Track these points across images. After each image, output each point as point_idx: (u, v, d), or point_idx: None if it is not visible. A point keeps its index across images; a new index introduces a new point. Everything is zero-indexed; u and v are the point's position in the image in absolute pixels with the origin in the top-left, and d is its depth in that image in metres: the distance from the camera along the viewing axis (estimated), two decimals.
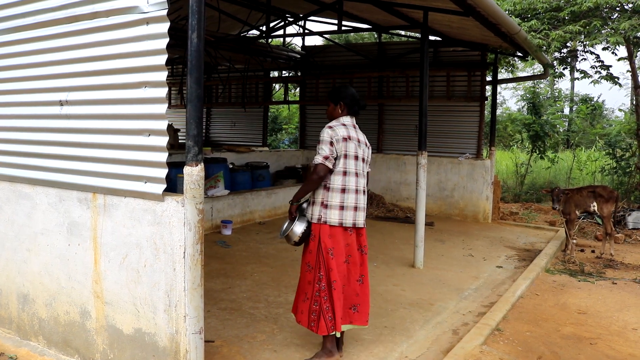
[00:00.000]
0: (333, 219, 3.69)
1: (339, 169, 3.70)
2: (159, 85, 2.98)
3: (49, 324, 3.76)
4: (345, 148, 3.68)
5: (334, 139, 3.66)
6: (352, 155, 3.72)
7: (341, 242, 3.74)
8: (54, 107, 3.55)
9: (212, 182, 8.15)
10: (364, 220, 3.86)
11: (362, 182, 3.81)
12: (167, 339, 3.12)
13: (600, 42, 9.05)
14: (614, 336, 4.57)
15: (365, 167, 3.87)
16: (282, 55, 10.95)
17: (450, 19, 6.84)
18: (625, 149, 11.74)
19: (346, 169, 3.71)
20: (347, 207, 3.72)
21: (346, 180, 3.71)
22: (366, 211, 3.90)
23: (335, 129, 3.69)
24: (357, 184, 3.76)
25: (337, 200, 3.70)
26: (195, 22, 2.84)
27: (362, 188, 3.82)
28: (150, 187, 3.08)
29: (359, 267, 3.83)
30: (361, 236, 3.84)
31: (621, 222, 9.44)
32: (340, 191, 3.70)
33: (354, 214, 3.75)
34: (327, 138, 3.66)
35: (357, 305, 3.82)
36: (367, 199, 3.92)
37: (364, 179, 3.86)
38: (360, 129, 3.91)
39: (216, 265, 6.07)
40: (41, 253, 3.75)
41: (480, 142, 10.05)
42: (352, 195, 3.74)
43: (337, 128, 3.71)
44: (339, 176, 3.70)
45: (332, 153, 3.66)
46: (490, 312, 4.81)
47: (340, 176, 3.70)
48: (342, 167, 3.70)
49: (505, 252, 7.43)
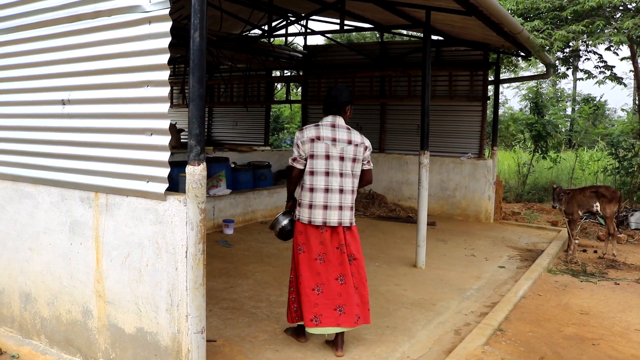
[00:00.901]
0: (303, 216, 3.86)
1: (307, 169, 3.85)
2: (161, 84, 2.98)
3: (51, 323, 3.77)
4: (312, 149, 3.81)
5: (299, 140, 3.85)
6: (322, 155, 3.81)
7: (313, 239, 3.85)
8: (56, 106, 3.55)
9: (214, 182, 8.14)
10: (347, 219, 3.88)
11: (336, 180, 3.83)
12: (169, 338, 3.12)
13: (603, 41, 9.03)
14: (617, 337, 4.56)
15: (349, 165, 3.87)
16: (284, 54, 10.94)
17: (452, 19, 6.82)
18: (627, 149, 11.71)
19: (313, 169, 3.83)
20: (315, 206, 3.82)
21: (314, 180, 3.83)
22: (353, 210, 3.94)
23: (303, 131, 3.86)
24: (328, 183, 3.82)
25: (306, 199, 3.85)
26: (197, 21, 2.84)
27: (338, 187, 3.84)
28: (152, 186, 3.08)
29: (339, 267, 3.86)
30: (339, 235, 3.87)
31: (624, 222, 9.42)
32: (308, 190, 3.84)
33: (323, 212, 3.82)
34: (295, 140, 3.89)
35: (343, 307, 3.84)
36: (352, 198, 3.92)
37: (347, 177, 3.87)
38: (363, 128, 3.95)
39: (218, 265, 6.07)
40: (43, 252, 3.75)
41: (483, 141, 10.03)
42: (321, 194, 3.82)
43: (307, 130, 3.86)
44: (307, 176, 3.85)
45: (300, 154, 3.85)
46: (493, 313, 4.80)
47: (308, 176, 3.84)
48: (309, 167, 3.84)
49: (508, 252, 7.41)
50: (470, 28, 7.58)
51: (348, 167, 3.87)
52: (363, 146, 3.94)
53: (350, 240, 3.92)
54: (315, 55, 11.58)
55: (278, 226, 4.09)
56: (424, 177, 6.30)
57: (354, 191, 3.93)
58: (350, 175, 3.88)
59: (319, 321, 3.81)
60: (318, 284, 3.84)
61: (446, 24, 7.52)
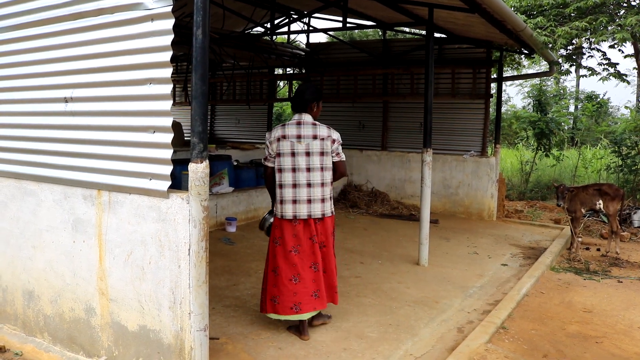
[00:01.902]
0: (277, 212, 4.12)
1: (276, 167, 4.10)
2: (164, 82, 2.98)
3: (54, 320, 3.77)
4: (278, 147, 4.05)
5: (268, 141, 4.10)
6: (287, 152, 4.03)
7: (287, 233, 4.07)
8: (59, 104, 3.56)
9: (217, 179, 8.14)
10: (318, 211, 4.07)
11: (303, 176, 4.03)
12: (172, 336, 3.12)
13: (607, 38, 8.98)
14: (620, 335, 4.55)
15: (316, 159, 4.05)
16: (287, 52, 10.91)
17: (455, 16, 6.80)
18: (631, 147, 11.67)
19: (280, 166, 4.06)
20: (285, 201, 4.06)
21: (282, 177, 4.07)
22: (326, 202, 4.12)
23: (272, 132, 4.11)
24: (296, 178, 4.03)
25: (278, 196, 4.10)
26: (200, 19, 2.83)
27: (305, 182, 4.04)
28: (155, 184, 3.08)
29: (312, 256, 4.09)
30: (310, 226, 4.07)
31: (627, 220, 9.40)
32: (279, 187, 4.09)
33: (293, 206, 4.04)
34: (265, 141, 4.13)
35: (317, 291, 4.10)
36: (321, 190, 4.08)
37: (315, 171, 4.05)
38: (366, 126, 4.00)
39: (220, 263, 6.07)
40: (46, 250, 3.75)
41: (485, 139, 10.00)
42: (289, 189, 4.04)
43: (274, 130, 4.10)
44: (277, 173, 4.09)
45: (269, 154, 4.11)
46: (496, 310, 4.80)
47: (277, 173, 4.09)
48: (277, 164, 4.08)
49: (510, 250, 7.40)
50: (473, 25, 7.56)
51: (316, 162, 4.05)
52: (330, 139, 4.10)
53: (321, 230, 4.12)
54: (318, 53, 11.56)
55: (266, 224, 4.31)
56: (427, 175, 6.29)
57: (324, 184, 4.09)
58: (318, 169, 4.06)
59: (299, 309, 4.03)
60: (295, 274, 4.05)
61: (449, 21, 7.50)
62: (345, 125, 11.40)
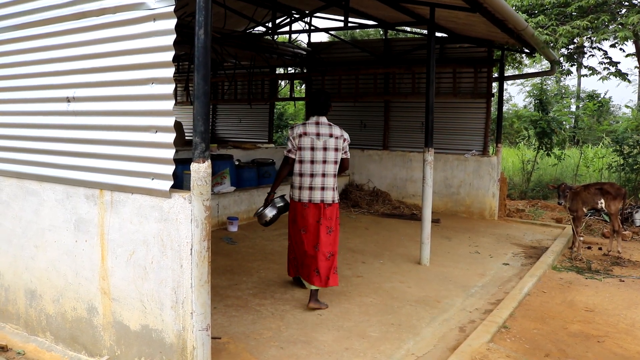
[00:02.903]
0: (295, 196, 4.81)
1: (297, 159, 4.74)
2: (166, 81, 2.98)
3: (56, 320, 3.78)
4: (300, 142, 4.70)
5: (291, 136, 4.74)
6: (307, 147, 4.69)
7: (299, 214, 4.79)
8: (61, 103, 3.56)
9: (218, 179, 8.15)
10: (329, 197, 4.74)
11: (319, 167, 4.71)
12: (174, 335, 3.13)
13: (608, 37, 8.99)
14: (622, 334, 4.54)
15: (331, 154, 4.73)
16: (288, 51, 10.91)
17: (456, 15, 6.80)
18: (632, 146, 11.65)
19: (301, 159, 4.72)
20: (302, 188, 4.75)
21: (301, 167, 4.74)
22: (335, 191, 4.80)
23: (294, 129, 4.75)
24: (313, 169, 4.71)
25: (297, 183, 4.78)
26: (202, 19, 2.84)
27: (321, 172, 4.72)
28: (157, 183, 3.08)
29: (314, 237, 4.73)
30: (319, 210, 4.72)
31: (628, 219, 9.39)
32: (298, 175, 4.77)
33: (309, 192, 4.72)
34: (289, 136, 4.78)
35: (319, 269, 4.69)
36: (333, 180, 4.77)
37: (329, 164, 4.74)
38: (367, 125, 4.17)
39: (222, 262, 6.08)
40: (48, 249, 3.76)
41: (487, 138, 10.00)
42: (307, 178, 4.72)
43: (296, 127, 4.75)
44: (297, 164, 4.76)
45: (293, 147, 4.74)
46: (497, 310, 4.80)
47: (297, 164, 4.75)
48: (298, 157, 4.74)
49: (512, 250, 7.40)
50: (474, 25, 7.56)
51: (331, 156, 4.73)
52: (342, 138, 4.79)
53: (329, 214, 4.75)
54: (319, 52, 11.56)
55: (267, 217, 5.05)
56: (428, 174, 6.29)
57: (335, 175, 4.77)
58: (332, 163, 4.75)
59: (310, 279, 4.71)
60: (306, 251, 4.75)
61: (450, 20, 7.50)
62: (346, 124, 11.36)
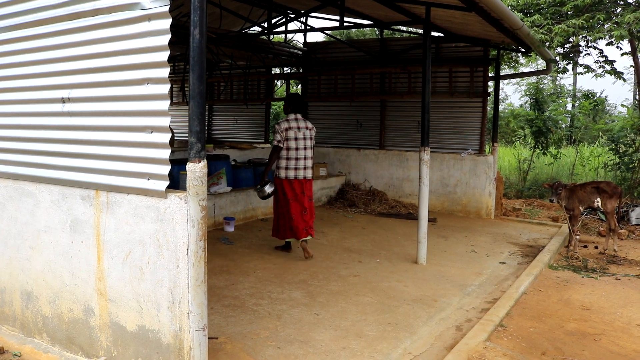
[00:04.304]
0: (285, 175, 6.27)
1: (285, 147, 6.21)
2: (161, 81, 2.98)
3: (52, 321, 3.77)
4: (286, 135, 6.18)
5: (279, 130, 6.19)
6: (292, 138, 6.19)
7: (289, 188, 6.28)
8: (56, 104, 3.55)
9: (215, 179, 8.14)
10: (309, 175, 6.36)
11: (302, 153, 6.25)
12: (171, 336, 3.13)
13: (604, 36, 9.00)
14: (618, 332, 4.56)
15: (308, 142, 6.31)
16: (284, 51, 10.91)
17: (452, 15, 6.81)
18: (628, 145, 11.69)
19: (288, 147, 6.21)
20: (290, 168, 6.26)
21: (288, 153, 6.23)
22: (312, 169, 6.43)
23: (281, 124, 6.21)
24: (297, 154, 6.23)
25: (286, 165, 6.26)
26: (197, 19, 2.83)
27: (303, 156, 6.27)
28: (153, 184, 3.08)
29: (302, 204, 6.31)
30: (302, 185, 6.31)
31: (624, 217, 9.42)
32: (286, 159, 6.25)
33: (295, 172, 6.27)
34: (277, 129, 6.21)
35: (308, 228, 6.35)
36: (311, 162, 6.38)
37: (308, 150, 6.31)
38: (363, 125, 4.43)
39: (219, 262, 6.07)
40: (44, 251, 3.75)
41: (483, 138, 10.01)
42: (293, 161, 6.25)
43: (282, 122, 6.22)
44: (284, 151, 6.23)
45: (281, 138, 6.18)
46: (494, 308, 4.80)
47: (285, 151, 6.22)
48: (285, 146, 6.21)
49: (508, 248, 7.42)
50: (470, 24, 7.57)
51: (308, 144, 6.31)
52: (313, 129, 6.42)
53: (308, 187, 6.39)
54: (315, 52, 11.55)
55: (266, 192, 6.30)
56: (425, 173, 6.30)
57: (312, 157, 6.39)
58: (310, 149, 6.35)
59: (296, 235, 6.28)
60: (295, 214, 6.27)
61: (446, 20, 7.50)
62: (343, 124, 11.41)
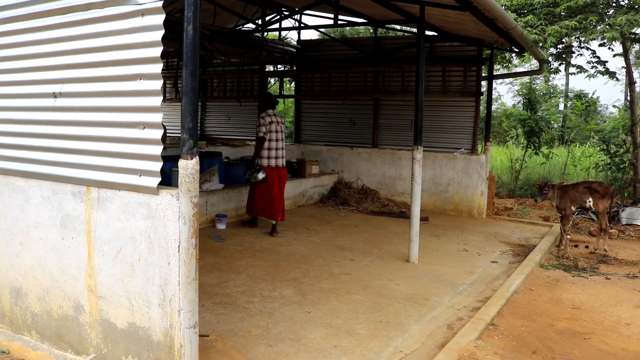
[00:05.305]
0: (267, 164, 7.26)
1: (268, 138, 7.21)
2: (154, 77, 2.96)
3: (42, 318, 3.74)
4: (269, 127, 7.20)
5: (264, 124, 7.18)
6: (273, 130, 7.24)
7: (269, 174, 7.24)
8: (48, 99, 3.52)
9: (207, 176, 8.11)
10: (284, 163, 7.47)
11: (280, 144, 7.31)
12: (162, 333, 3.11)
13: (597, 37, 9.04)
14: (608, 331, 4.59)
15: (282, 134, 7.34)
16: (278, 49, 10.88)
17: (446, 14, 6.81)
18: (619, 145, 11.77)
19: (270, 138, 7.23)
20: (271, 157, 7.28)
21: (270, 144, 7.25)
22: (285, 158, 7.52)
23: (264, 118, 7.22)
24: (277, 145, 7.28)
25: (267, 155, 7.26)
26: (191, 14, 2.82)
27: (281, 147, 7.34)
28: (144, 180, 3.06)
29: (279, 188, 7.36)
30: (280, 171, 7.38)
31: (615, 217, 9.48)
32: (267, 149, 7.26)
33: (275, 160, 7.30)
34: (262, 122, 7.20)
35: (281, 208, 7.43)
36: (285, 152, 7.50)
37: (284, 140, 7.41)
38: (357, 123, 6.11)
39: (210, 260, 6.06)
40: (34, 247, 3.72)
41: (476, 137, 10.04)
42: (274, 151, 7.28)
43: (265, 117, 7.23)
44: (267, 142, 7.22)
45: (265, 130, 7.18)
46: (485, 307, 4.82)
47: (267, 142, 7.23)
48: (268, 137, 7.22)
49: (500, 247, 7.44)
50: (464, 24, 7.58)
51: (282, 135, 7.36)
52: (283, 122, 7.44)
53: (283, 173, 7.46)
54: (309, 50, 11.53)
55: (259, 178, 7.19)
56: (417, 172, 6.31)
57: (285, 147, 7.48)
58: (284, 139, 7.41)
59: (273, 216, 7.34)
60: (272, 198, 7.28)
61: (440, 19, 7.51)
62: (336, 122, 11.41)
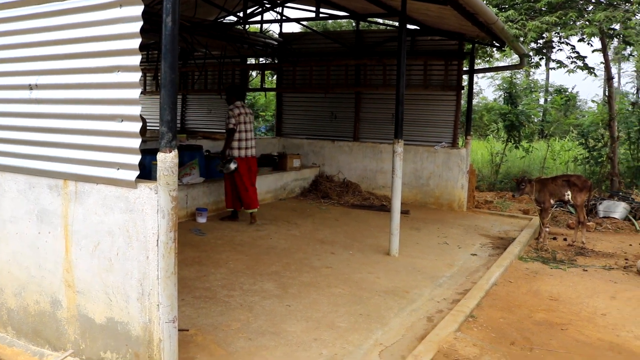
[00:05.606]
0: (239, 154, 7.41)
1: (238, 129, 7.36)
2: (132, 69, 2.92)
3: (18, 314, 3.69)
4: (239, 119, 7.32)
5: (234, 116, 7.30)
6: (243, 122, 7.37)
7: (241, 165, 7.39)
8: (23, 91, 3.45)
9: (187, 170, 8.05)
10: (255, 153, 7.63)
11: (250, 134, 7.48)
12: (140, 328, 3.09)
13: (576, 33, 9.15)
14: (584, 322, 4.66)
15: (252, 125, 7.54)
16: (259, 42, 10.82)
17: (428, 8, 6.83)
18: (597, 140, 11.94)
19: (240, 130, 7.38)
20: (241, 148, 7.43)
21: (240, 135, 7.39)
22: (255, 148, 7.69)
23: (234, 109, 7.34)
24: (247, 136, 7.43)
25: (237, 146, 7.40)
26: (170, 6, 2.79)
27: (251, 137, 7.51)
28: (122, 173, 3.02)
29: (251, 178, 7.56)
30: (250, 161, 7.52)
31: (592, 210, 9.62)
32: (238, 140, 7.39)
33: (246, 150, 7.45)
34: (231, 114, 7.32)
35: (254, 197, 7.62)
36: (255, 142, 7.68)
37: (253, 131, 7.57)
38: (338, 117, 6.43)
39: (191, 253, 6.02)
40: (10, 241, 3.66)
41: (457, 131, 10.09)
42: (244, 142, 7.42)
43: (234, 108, 7.34)
44: (237, 133, 7.36)
45: (235, 121, 7.31)
46: (465, 300, 4.87)
47: (238, 133, 7.37)
48: (238, 128, 7.36)
49: (480, 240, 7.52)
50: (445, 18, 7.61)
51: (252, 126, 7.56)
52: (252, 113, 7.62)
53: (253, 162, 7.63)
54: (291, 43, 11.48)
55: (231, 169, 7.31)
56: (398, 165, 6.33)
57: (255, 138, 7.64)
58: (254, 130, 7.58)
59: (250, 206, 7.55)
60: (247, 187, 7.48)
61: (422, 13, 7.53)
62: (317, 115, 11.39)
